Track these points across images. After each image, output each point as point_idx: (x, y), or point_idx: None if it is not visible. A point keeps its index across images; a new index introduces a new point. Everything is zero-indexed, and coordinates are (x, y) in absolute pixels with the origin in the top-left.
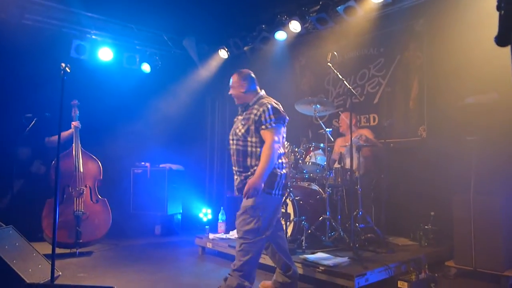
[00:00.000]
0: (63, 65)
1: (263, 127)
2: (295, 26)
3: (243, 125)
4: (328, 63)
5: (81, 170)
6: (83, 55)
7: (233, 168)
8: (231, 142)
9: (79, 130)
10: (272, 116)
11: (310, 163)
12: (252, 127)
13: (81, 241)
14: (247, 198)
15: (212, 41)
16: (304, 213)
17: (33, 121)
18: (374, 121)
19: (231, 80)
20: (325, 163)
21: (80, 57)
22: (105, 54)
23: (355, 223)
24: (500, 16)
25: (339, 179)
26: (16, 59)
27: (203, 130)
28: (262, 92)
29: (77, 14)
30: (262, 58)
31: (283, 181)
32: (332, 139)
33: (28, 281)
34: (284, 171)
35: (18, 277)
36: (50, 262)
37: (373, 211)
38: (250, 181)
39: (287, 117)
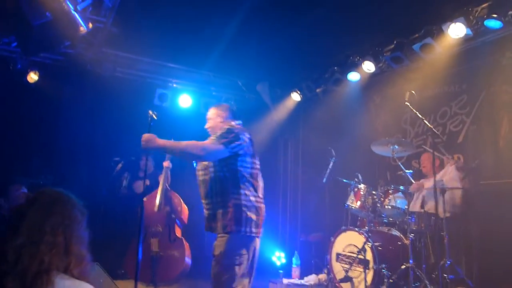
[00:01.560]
0: (151, 112)
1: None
2: (368, 66)
3: None
4: (406, 103)
5: (161, 210)
6: (165, 102)
7: (203, 201)
8: (200, 173)
9: (170, 170)
10: (219, 133)
11: (389, 207)
12: None
13: (155, 279)
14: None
15: (285, 85)
16: (384, 260)
17: (120, 164)
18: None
19: (208, 113)
20: (406, 206)
21: (162, 105)
22: (185, 101)
23: (443, 274)
24: None
25: (422, 224)
26: (107, 107)
27: (276, 172)
28: (236, 122)
29: (161, 65)
30: (335, 99)
31: (251, 217)
32: (413, 181)
33: None
34: (251, 209)
35: None
36: None
37: (464, 261)
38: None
39: (245, 147)
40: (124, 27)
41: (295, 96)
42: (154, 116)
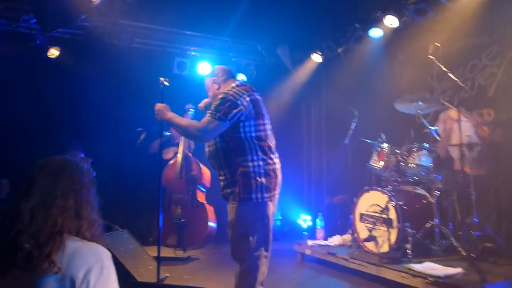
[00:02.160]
0: (162, 79)
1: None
2: (391, 20)
3: None
4: (430, 56)
5: (183, 177)
6: (184, 71)
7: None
8: (206, 147)
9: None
10: (213, 107)
11: (413, 165)
12: None
13: (182, 244)
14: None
15: (305, 47)
16: (408, 219)
17: (143, 135)
18: (489, 116)
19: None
20: (430, 164)
21: (181, 73)
22: (204, 68)
23: (469, 230)
24: None
25: (448, 182)
26: (127, 79)
27: (299, 136)
28: (235, 83)
29: (178, 33)
30: (357, 58)
31: (261, 182)
32: (439, 138)
33: (138, 280)
34: (260, 174)
35: (131, 276)
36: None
37: (493, 218)
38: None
39: (246, 112)
40: None
41: (316, 57)
42: (166, 83)
